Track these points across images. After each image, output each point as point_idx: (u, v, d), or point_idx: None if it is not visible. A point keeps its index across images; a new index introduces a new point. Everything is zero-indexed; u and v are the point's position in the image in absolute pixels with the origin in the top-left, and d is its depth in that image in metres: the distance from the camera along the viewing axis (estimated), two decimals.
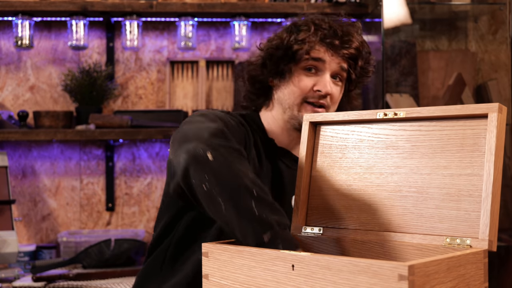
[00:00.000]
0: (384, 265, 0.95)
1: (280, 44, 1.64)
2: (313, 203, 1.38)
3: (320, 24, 1.62)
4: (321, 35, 1.61)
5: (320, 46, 1.61)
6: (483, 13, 2.95)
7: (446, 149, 1.20)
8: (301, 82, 1.62)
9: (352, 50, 1.62)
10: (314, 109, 1.62)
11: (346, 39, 1.62)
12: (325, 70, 1.62)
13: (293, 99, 1.62)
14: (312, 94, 1.62)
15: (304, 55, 1.61)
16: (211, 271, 1.20)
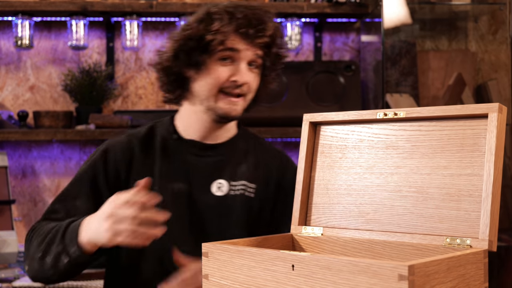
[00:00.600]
0: (384, 265, 0.95)
1: (193, 35, 1.59)
2: (313, 203, 1.38)
3: (234, 13, 1.58)
4: (236, 25, 1.57)
5: (234, 36, 1.58)
6: (483, 13, 2.95)
7: (446, 149, 1.20)
8: (216, 73, 1.59)
9: (266, 38, 1.59)
10: (231, 99, 1.60)
11: (260, 27, 1.58)
12: (241, 59, 1.60)
13: (209, 90, 1.60)
14: (229, 85, 1.59)
15: (218, 46, 1.58)
16: (211, 271, 1.20)
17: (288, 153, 3.05)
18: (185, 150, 1.66)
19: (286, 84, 2.80)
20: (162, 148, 1.65)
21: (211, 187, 1.64)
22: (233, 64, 1.60)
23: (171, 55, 1.62)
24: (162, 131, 1.68)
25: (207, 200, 1.63)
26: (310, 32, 3.08)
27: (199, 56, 1.59)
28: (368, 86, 2.92)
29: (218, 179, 1.65)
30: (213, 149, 1.67)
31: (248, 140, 1.75)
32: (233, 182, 1.65)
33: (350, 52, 3.09)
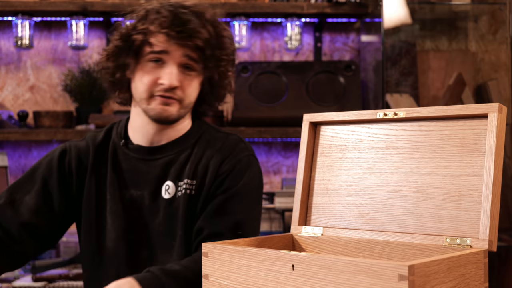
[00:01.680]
0: (384, 265, 0.95)
1: (122, 35, 1.55)
2: (313, 203, 1.38)
3: (161, 12, 1.51)
4: (158, 24, 1.50)
5: (160, 36, 1.51)
6: (483, 13, 2.95)
7: (446, 149, 1.20)
8: (145, 76, 1.53)
9: (196, 40, 1.50)
10: (163, 100, 1.52)
11: (186, 28, 1.50)
12: (170, 61, 1.52)
13: (140, 93, 1.54)
14: (158, 88, 1.52)
15: (143, 46, 1.52)
16: (211, 271, 1.20)
17: (288, 153, 3.07)
18: (133, 156, 1.61)
19: (286, 84, 2.80)
20: (113, 156, 1.62)
21: (161, 190, 1.58)
22: (163, 65, 1.53)
23: (104, 56, 1.58)
24: (114, 136, 1.64)
25: (159, 205, 1.58)
26: (310, 32, 3.08)
27: (127, 58, 1.55)
28: (368, 86, 2.92)
29: (166, 181, 1.58)
30: (160, 150, 1.60)
31: (199, 135, 1.64)
32: (179, 182, 1.58)
33: (350, 52, 3.09)
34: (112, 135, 1.65)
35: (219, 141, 1.63)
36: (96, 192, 1.60)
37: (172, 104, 1.53)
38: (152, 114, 1.54)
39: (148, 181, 1.59)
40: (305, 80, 2.80)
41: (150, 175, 1.59)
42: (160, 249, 1.58)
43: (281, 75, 2.79)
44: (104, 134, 1.65)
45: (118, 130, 1.65)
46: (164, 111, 1.53)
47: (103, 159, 1.62)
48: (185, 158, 1.60)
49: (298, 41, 2.93)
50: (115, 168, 1.61)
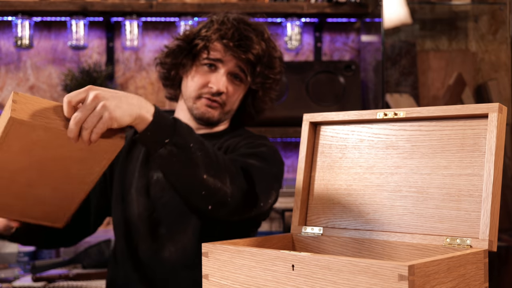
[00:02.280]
0: (384, 265, 0.95)
1: (186, 37, 1.71)
2: (313, 203, 1.38)
3: (225, 23, 1.67)
4: (220, 34, 1.66)
5: (218, 44, 1.67)
6: (483, 13, 2.95)
7: (446, 149, 1.20)
8: (197, 77, 1.69)
9: (250, 55, 1.66)
10: (208, 103, 1.67)
11: (243, 42, 1.65)
12: (222, 68, 1.67)
13: (190, 92, 1.69)
14: (206, 90, 1.67)
15: (202, 51, 1.67)
16: (211, 271, 1.20)
17: (288, 153, 3.06)
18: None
19: (286, 84, 2.80)
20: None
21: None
22: (215, 71, 1.68)
23: (165, 53, 1.74)
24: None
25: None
26: (310, 32, 3.08)
27: (185, 58, 1.70)
28: (368, 86, 2.92)
29: None
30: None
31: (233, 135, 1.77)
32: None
33: (350, 52, 3.09)
34: None
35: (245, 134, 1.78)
36: (125, 170, 1.72)
37: (216, 108, 1.68)
38: (196, 112, 1.69)
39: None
40: (305, 80, 2.80)
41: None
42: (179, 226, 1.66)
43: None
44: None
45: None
46: (207, 112, 1.68)
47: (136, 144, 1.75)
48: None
49: (298, 41, 2.93)
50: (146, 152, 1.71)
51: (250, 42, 1.66)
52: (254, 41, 1.66)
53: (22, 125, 1.17)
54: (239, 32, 1.66)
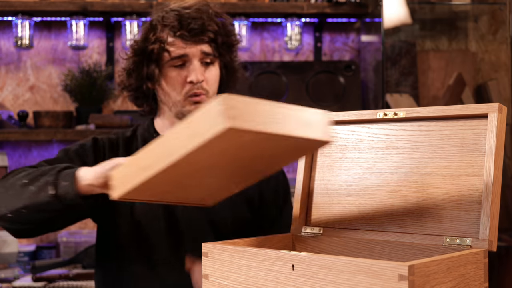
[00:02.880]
0: (384, 265, 0.95)
1: (137, 49, 1.62)
2: (313, 203, 1.38)
3: (167, 18, 1.60)
4: (170, 29, 1.59)
5: (174, 40, 1.59)
6: (483, 13, 2.95)
7: (446, 149, 1.20)
8: (172, 80, 1.61)
9: (208, 33, 1.60)
10: (194, 99, 1.61)
11: (198, 24, 1.59)
12: (190, 59, 1.60)
13: (173, 98, 1.62)
14: (189, 87, 1.60)
15: (161, 54, 1.60)
16: (211, 271, 1.20)
17: None
18: None
19: (286, 84, 2.80)
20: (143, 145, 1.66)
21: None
22: (185, 65, 1.61)
23: (125, 74, 1.66)
24: (142, 133, 1.71)
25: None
26: (310, 32, 3.08)
27: (148, 68, 1.61)
28: (368, 86, 2.92)
29: None
30: None
31: None
32: None
33: (350, 52, 3.09)
34: (138, 133, 1.72)
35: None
36: None
37: (202, 100, 1.62)
38: (187, 114, 1.59)
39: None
40: (305, 80, 2.80)
41: None
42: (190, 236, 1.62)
43: (281, 75, 2.79)
44: (131, 132, 1.72)
45: (145, 128, 1.72)
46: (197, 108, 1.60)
47: (133, 150, 1.66)
48: None
49: (298, 41, 2.93)
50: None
51: (201, 21, 1.59)
52: (204, 19, 1.60)
53: (237, 132, 1.00)
54: (186, 18, 1.59)
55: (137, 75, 1.63)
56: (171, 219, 1.62)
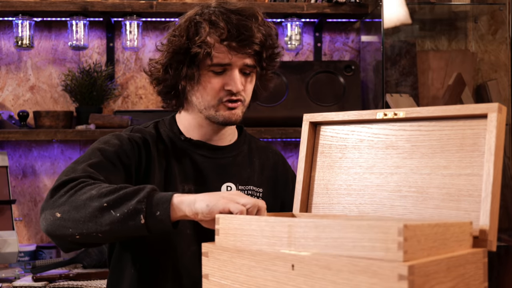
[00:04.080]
0: (384, 265, 0.95)
1: (178, 48, 1.57)
2: (313, 203, 1.38)
3: (217, 22, 1.55)
4: (219, 36, 1.54)
5: (220, 47, 1.55)
6: (483, 13, 2.95)
7: (446, 149, 1.20)
8: (210, 85, 1.58)
9: (254, 46, 1.56)
10: (229, 106, 1.59)
11: (245, 37, 1.55)
12: (232, 68, 1.58)
13: (207, 102, 1.60)
14: (225, 95, 1.58)
15: (206, 58, 1.56)
16: (211, 271, 1.20)
17: (288, 153, 3.07)
18: (194, 151, 1.65)
19: (286, 84, 2.80)
20: (172, 149, 1.64)
21: (221, 189, 1.64)
22: (225, 73, 1.58)
23: (161, 69, 1.61)
24: (167, 132, 1.67)
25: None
26: (310, 32, 3.08)
27: (189, 69, 1.58)
28: (368, 86, 2.93)
29: (227, 182, 1.65)
30: (221, 150, 1.67)
31: (249, 143, 1.76)
32: (241, 186, 1.66)
33: (350, 52, 3.09)
34: (161, 131, 1.67)
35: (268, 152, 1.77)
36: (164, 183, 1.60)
37: (238, 107, 1.60)
38: (221, 120, 1.60)
39: (209, 177, 1.63)
40: (305, 80, 2.81)
41: (211, 173, 1.64)
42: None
43: (281, 75, 2.79)
44: (154, 129, 1.66)
45: (168, 127, 1.67)
46: (232, 115, 1.60)
47: (162, 152, 1.63)
48: (242, 163, 1.69)
49: (298, 41, 2.93)
50: (177, 161, 1.63)
51: (250, 32, 1.55)
52: (254, 30, 1.55)
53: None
54: (235, 26, 1.54)
55: (175, 72, 1.59)
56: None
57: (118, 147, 1.55)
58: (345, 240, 1.01)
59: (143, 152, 1.60)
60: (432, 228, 1.01)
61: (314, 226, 1.05)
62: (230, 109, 1.59)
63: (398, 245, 0.95)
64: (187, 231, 1.58)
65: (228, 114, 1.60)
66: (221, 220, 1.21)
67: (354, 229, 1.00)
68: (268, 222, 1.12)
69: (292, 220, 1.09)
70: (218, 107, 1.60)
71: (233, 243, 1.17)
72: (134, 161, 1.56)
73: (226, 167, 1.66)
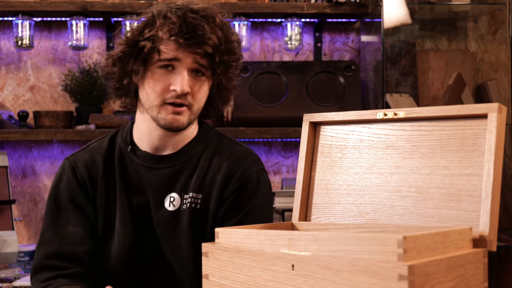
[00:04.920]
0: (384, 265, 0.95)
1: (129, 40, 1.49)
2: (313, 203, 1.38)
3: (169, 17, 1.46)
4: (167, 31, 1.46)
5: (169, 43, 1.47)
6: (483, 13, 2.95)
7: (446, 149, 1.20)
8: (155, 83, 1.49)
9: (206, 47, 1.46)
10: (174, 109, 1.49)
11: (195, 34, 1.45)
12: (180, 67, 1.48)
13: (151, 101, 1.50)
14: (170, 94, 1.48)
15: (152, 53, 1.47)
16: (211, 271, 1.20)
17: (288, 153, 3.07)
18: (139, 162, 1.58)
19: (286, 84, 2.80)
20: (120, 162, 1.59)
21: (164, 201, 1.56)
22: (173, 71, 1.49)
23: (110, 61, 1.54)
24: (120, 143, 1.62)
25: (161, 215, 1.56)
26: (310, 32, 3.08)
27: (135, 63, 1.50)
28: (368, 86, 2.93)
29: (171, 193, 1.57)
30: (167, 160, 1.58)
31: (206, 143, 1.62)
32: (185, 195, 1.56)
33: (350, 52, 3.09)
34: (117, 141, 1.63)
35: (226, 152, 1.60)
36: (106, 201, 1.58)
37: (183, 113, 1.50)
38: (162, 123, 1.51)
39: (152, 189, 1.57)
40: (305, 80, 2.81)
41: (154, 184, 1.57)
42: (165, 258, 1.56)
43: (281, 75, 2.80)
44: (109, 141, 1.63)
45: (123, 135, 1.63)
46: (175, 120, 1.50)
47: (111, 167, 1.60)
48: (191, 170, 1.58)
49: (298, 41, 2.93)
50: (122, 175, 1.58)
51: (203, 31, 1.45)
52: (207, 30, 1.46)
53: None
54: (188, 23, 1.45)
55: (122, 66, 1.52)
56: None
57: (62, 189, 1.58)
58: (345, 252, 1.02)
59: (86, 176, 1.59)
60: (431, 238, 1.01)
61: (313, 239, 1.05)
62: (174, 114, 1.49)
63: (398, 257, 0.95)
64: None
65: (170, 119, 1.50)
66: (221, 234, 1.21)
67: (354, 242, 1.00)
68: (268, 235, 1.12)
69: (291, 233, 1.09)
70: (160, 108, 1.50)
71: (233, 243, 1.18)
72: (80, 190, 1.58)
73: (171, 177, 1.57)
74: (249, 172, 1.59)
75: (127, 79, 1.54)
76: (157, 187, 1.57)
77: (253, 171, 1.59)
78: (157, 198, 1.57)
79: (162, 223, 1.56)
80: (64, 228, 1.55)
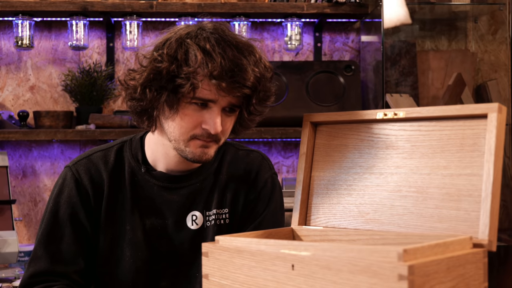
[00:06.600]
0: (384, 265, 0.95)
1: (163, 72, 1.37)
2: (313, 203, 1.38)
3: (211, 54, 1.36)
4: (209, 72, 1.35)
5: (208, 83, 1.37)
6: (483, 13, 2.95)
7: (446, 149, 1.21)
8: (187, 118, 1.41)
9: (245, 90, 1.39)
10: (204, 144, 1.43)
11: (238, 78, 1.36)
12: (215, 106, 1.40)
13: (179, 135, 1.43)
14: (201, 132, 1.42)
15: (189, 91, 1.37)
16: (211, 271, 1.20)
17: (288, 153, 3.07)
18: (156, 183, 1.54)
19: (286, 84, 2.80)
20: (132, 182, 1.54)
21: (186, 220, 1.54)
22: (206, 109, 1.41)
23: (139, 87, 1.41)
24: (130, 160, 1.55)
25: (183, 235, 1.53)
26: (310, 32, 3.08)
27: (168, 97, 1.39)
28: (368, 86, 2.93)
29: (192, 211, 1.54)
30: (185, 179, 1.54)
31: (223, 155, 1.60)
32: (208, 211, 1.55)
33: (350, 52, 3.09)
34: (125, 157, 1.56)
35: (242, 163, 1.59)
36: (112, 221, 1.53)
37: (211, 147, 1.45)
38: (190, 156, 1.45)
39: (172, 210, 1.54)
40: (305, 80, 2.81)
41: (174, 204, 1.54)
42: (183, 278, 1.54)
43: (281, 75, 2.80)
44: (116, 156, 1.56)
45: (133, 152, 1.56)
46: (204, 154, 1.44)
47: (119, 186, 1.54)
48: (210, 186, 1.56)
49: (298, 41, 2.93)
50: (134, 196, 1.53)
51: (244, 73, 1.37)
52: (248, 70, 1.37)
53: None
54: (230, 64, 1.36)
55: (154, 96, 1.40)
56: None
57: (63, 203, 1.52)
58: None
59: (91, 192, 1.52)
60: (432, 249, 1.01)
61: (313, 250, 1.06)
62: (202, 147, 1.44)
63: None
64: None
65: (199, 152, 1.44)
66: (221, 243, 1.21)
67: (354, 254, 1.01)
68: (268, 245, 1.12)
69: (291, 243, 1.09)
70: (189, 142, 1.43)
71: (233, 243, 1.18)
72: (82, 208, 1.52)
73: (190, 196, 1.54)
74: (265, 178, 1.59)
75: (155, 107, 1.44)
76: (178, 207, 1.54)
77: (268, 177, 1.60)
78: (178, 218, 1.54)
79: (186, 243, 1.54)
80: (58, 244, 1.50)
